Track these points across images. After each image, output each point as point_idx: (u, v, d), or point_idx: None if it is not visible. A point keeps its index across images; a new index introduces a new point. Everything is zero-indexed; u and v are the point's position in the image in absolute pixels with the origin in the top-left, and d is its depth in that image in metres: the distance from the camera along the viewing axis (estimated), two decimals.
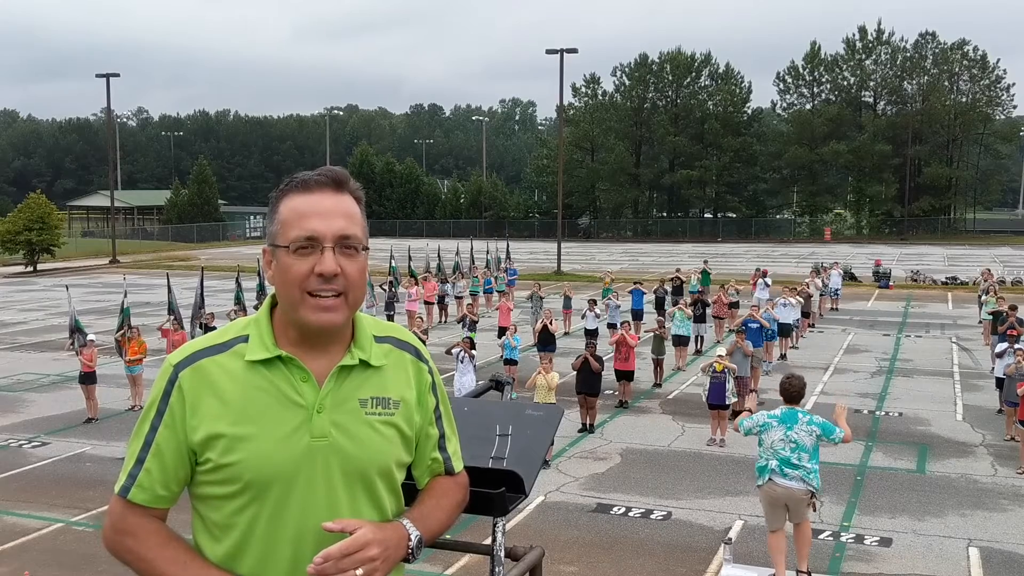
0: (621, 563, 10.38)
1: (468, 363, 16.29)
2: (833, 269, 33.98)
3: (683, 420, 16.62)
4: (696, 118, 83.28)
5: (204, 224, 79.75)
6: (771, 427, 8.90)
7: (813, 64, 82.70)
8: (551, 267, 47.37)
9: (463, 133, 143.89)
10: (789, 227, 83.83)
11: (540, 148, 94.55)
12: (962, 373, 21.05)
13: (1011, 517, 11.72)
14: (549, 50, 47.25)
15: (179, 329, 19.98)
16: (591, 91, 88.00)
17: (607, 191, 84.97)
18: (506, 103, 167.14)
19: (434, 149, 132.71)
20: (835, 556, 10.47)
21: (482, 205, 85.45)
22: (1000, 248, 64.59)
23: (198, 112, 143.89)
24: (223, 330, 1.99)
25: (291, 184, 1.95)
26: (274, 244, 1.91)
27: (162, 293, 25.17)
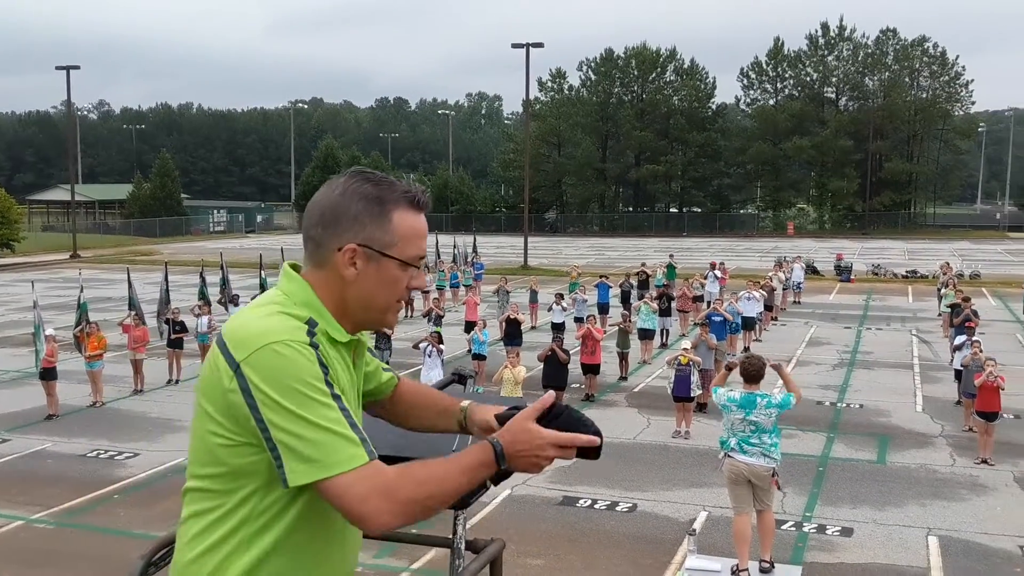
0: (587, 555, 10.44)
1: (435, 357, 16.26)
2: (796, 263, 34.37)
3: (649, 413, 16.72)
4: (661, 113, 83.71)
5: (167, 218, 78.79)
6: (731, 410, 9.19)
7: (776, 60, 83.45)
8: (518, 261, 47.41)
9: (429, 127, 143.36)
10: (753, 222, 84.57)
11: (507, 143, 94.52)
12: (922, 365, 21.38)
13: (969, 506, 11.93)
14: (515, 44, 47.23)
15: (140, 325, 19.73)
16: (557, 86, 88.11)
17: (573, 185, 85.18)
18: (472, 97, 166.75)
19: (400, 143, 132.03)
20: (798, 546, 10.60)
21: (448, 199, 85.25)
22: (959, 242, 65.62)
23: (160, 105, 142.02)
24: (284, 313, 1.90)
25: (405, 197, 1.98)
26: (384, 252, 1.95)
27: (123, 288, 24.85)
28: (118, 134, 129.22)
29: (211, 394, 1.88)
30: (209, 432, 1.89)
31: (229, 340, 1.86)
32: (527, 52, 46.82)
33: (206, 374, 1.91)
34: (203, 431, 1.91)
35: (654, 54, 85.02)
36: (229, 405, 1.83)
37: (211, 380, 1.88)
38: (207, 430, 1.90)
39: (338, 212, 1.95)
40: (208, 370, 1.91)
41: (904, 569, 10.03)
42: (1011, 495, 12.38)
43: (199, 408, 1.93)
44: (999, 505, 11.98)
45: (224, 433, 1.87)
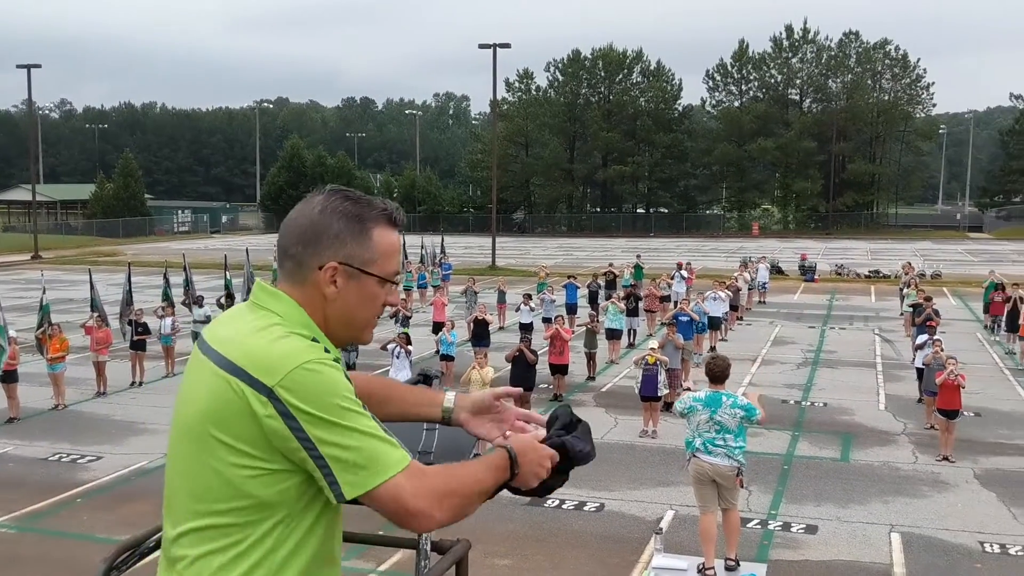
0: (555, 555, 10.46)
1: (404, 359, 16.21)
2: (761, 263, 34.68)
3: (616, 412, 16.79)
4: (628, 114, 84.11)
5: (130, 218, 77.86)
6: (696, 410, 9.23)
7: (741, 62, 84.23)
8: (486, 262, 47.40)
9: (396, 127, 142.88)
10: (719, 222, 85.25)
11: (474, 143, 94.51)
12: (884, 364, 21.65)
13: (931, 503, 12.11)
14: (482, 45, 47.25)
15: (103, 326, 19.47)
16: (525, 86, 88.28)
17: (541, 186, 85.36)
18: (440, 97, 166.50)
19: (367, 143, 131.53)
20: (763, 544, 10.70)
21: (416, 199, 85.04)
22: (921, 242, 66.56)
23: (123, 104, 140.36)
24: (295, 334, 1.89)
25: (383, 215, 2.00)
26: (364, 270, 1.96)
27: (86, 289, 24.52)
28: (80, 133, 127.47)
29: (233, 425, 1.81)
30: (232, 465, 1.82)
31: (250, 367, 1.81)
32: (494, 53, 46.86)
33: (215, 405, 1.83)
34: (220, 465, 1.83)
35: (620, 55, 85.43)
36: (266, 432, 1.79)
37: (229, 410, 1.82)
38: (228, 463, 1.82)
39: (318, 230, 1.95)
40: (218, 401, 1.83)
41: (867, 565, 10.15)
42: (971, 491, 12.58)
43: (208, 441, 1.84)
44: (960, 501, 12.17)
45: (254, 464, 1.82)
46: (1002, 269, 36.02)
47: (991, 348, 23.71)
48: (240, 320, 1.96)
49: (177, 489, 1.91)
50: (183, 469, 1.90)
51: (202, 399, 1.86)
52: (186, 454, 1.89)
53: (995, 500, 12.19)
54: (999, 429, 15.73)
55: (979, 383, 18.44)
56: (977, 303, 29.96)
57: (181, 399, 1.96)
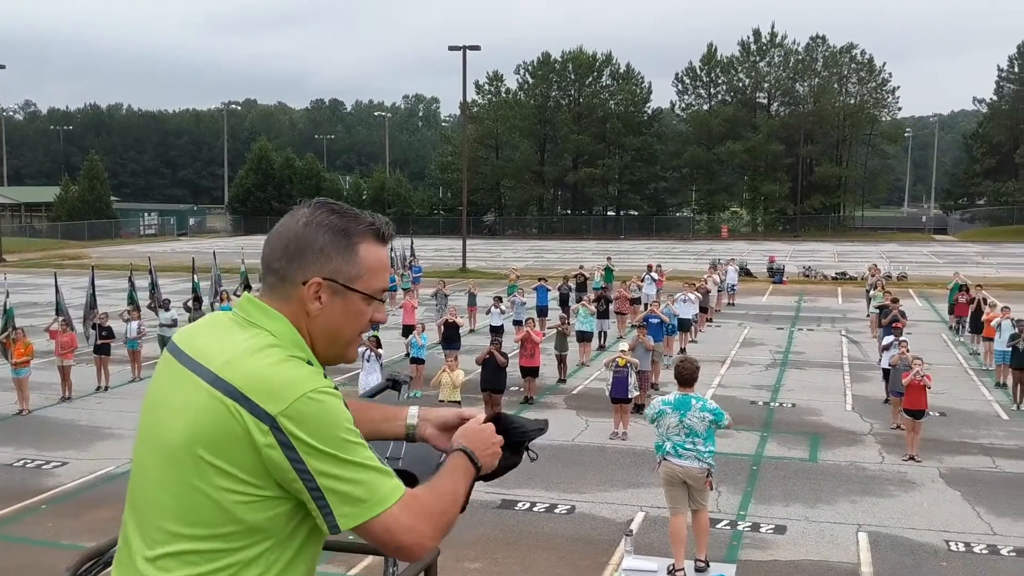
0: (526, 558, 10.46)
1: (374, 362, 16.14)
2: (730, 265, 34.91)
3: (587, 415, 16.82)
4: (598, 117, 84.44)
5: (96, 221, 76.94)
6: (666, 414, 9.26)
7: (710, 66, 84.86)
8: (456, 264, 47.35)
9: (365, 129, 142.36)
10: (688, 225, 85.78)
11: (444, 145, 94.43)
12: (851, 365, 21.88)
13: (897, 502, 12.24)
14: (452, 47, 47.20)
15: (67, 330, 19.21)
16: (495, 89, 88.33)
17: (512, 188, 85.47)
18: (409, 99, 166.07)
19: (336, 145, 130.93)
20: (732, 544, 10.76)
21: (385, 201, 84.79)
22: (887, 244, 67.35)
23: (89, 106, 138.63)
24: (294, 358, 1.86)
25: (371, 229, 1.97)
26: (349, 286, 1.92)
27: (50, 293, 24.21)
28: (45, 135, 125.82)
29: (228, 450, 1.76)
30: (223, 489, 1.77)
31: (251, 393, 1.76)
32: (464, 55, 46.83)
33: (208, 428, 1.77)
34: (209, 488, 1.78)
35: (590, 58, 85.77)
36: (264, 460, 1.76)
37: (225, 435, 1.76)
38: (219, 487, 1.77)
39: (303, 244, 1.91)
40: (212, 424, 1.77)
41: (835, 565, 10.25)
42: (937, 490, 12.73)
43: (198, 464, 1.78)
44: (925, 500, 12.32)
45: (247, 490, 1.78)
46: (966, 271, 36.52)
47: (956, 349, 24.03)
48: (229, 336, 1.88)
49: (155, 508, 1.84)
50: (164, 489, 1.83)
51: (190, 419, 1.80)
52: (169, 474, 1.82)
53: (960, 499, 12.36)
54: (964, 429, 15.94)
55: (944, 383, 18.68)
56: (942, 304, 30.37)
57: (156, 412, 1.89)
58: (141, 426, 1.94)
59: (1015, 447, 14.84)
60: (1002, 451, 14.61)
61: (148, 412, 1.92)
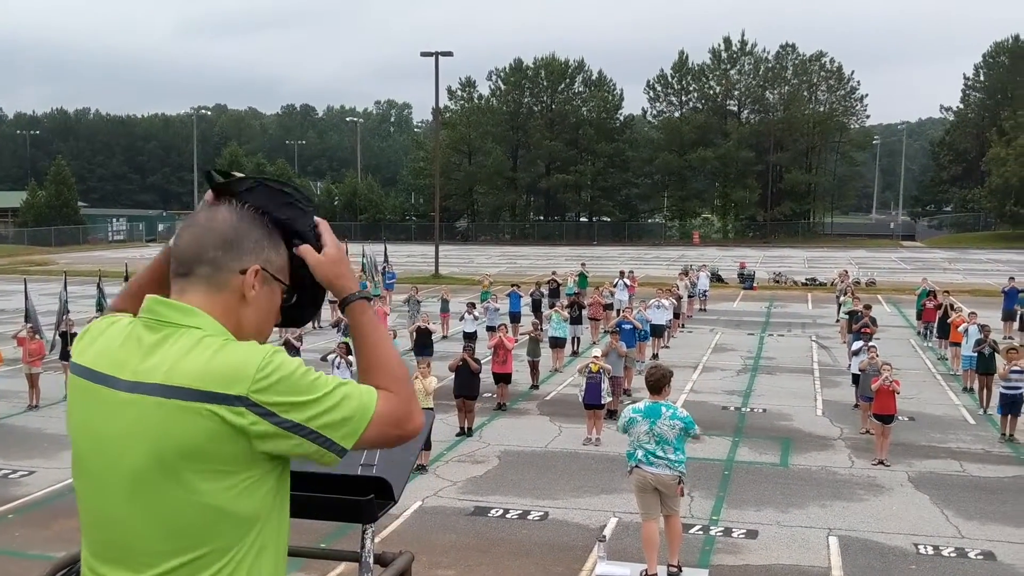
0: (499, 565, 10.44)
1: (345, 369, 16.05)
2: (701, 271, 35.13)
3: (560, 421, 16.84)
4: (571, 123, 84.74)
5: (63, 227, 76.03)
6: (636, 422, 9.26)
7: (681, 73, 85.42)
8: (429, 270, 47.25)
9: (337, 134, 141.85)
10: (660, 231, 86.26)
11: (417, 151, 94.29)
12: (821, 370, 22.07)
13: (867, 506, 12.36)
14: (424, 53, 47.14)
15: (36, 338, 18.96)
16: (467, 94, 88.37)
17: (485, 194, 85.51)
18: (381, 105, 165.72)
19: (307, 150, 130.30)
20: (705, 549, 10.81)
21: (357, 207, 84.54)
22: (856, 250, 68.07)
23: (56, 110, 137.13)
24: (217, 339, 1.88)
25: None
26: (277, 277, 1.98)
27: (18, 299, 23.89)
28: (11, 140, 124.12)
29: (211, 450, 1.77)
30: (213, 490, 1.79)
31: (213, 386, 1.77)
32: (436, 61, 46.79)
33: (184, 440, 1.76)
34: (197, 495, 1.79)
35: (563, 65, 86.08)
36: (253, 439, 1.79)
37: (202, 438, 1.77)
38: (209, 490, 1.79)
39: (240, 235, 1.93)
40: (184, 433, 1.76)
41: (806, 569, 10.32)
42: (906, 495, 12.87)
43: (178, 478, 1.78)
44: (895, 504, 12.44)
45: (236, 481, 1.81)
46: (934, 277, 37.03)
47: (924, 354, 24.31)
48: (154, 345, 1.86)
49: (137, 538, 1.82)
50: (143, 516, 1.81)
51: (153, 438, 1.78)
52: (145, 500, 1.80)
53: (928, 502, 12.49)
54: (932, 433, 16.12)
55: (913, 388, 18.90)
56: (910, 310, 30.71)
57: (99, 446, 1.85)
58: (85, 466, 1.89)
59: (982, 451, 15.04)
60: (969, 455, 14.79)
61: (88, 450, 1.88)
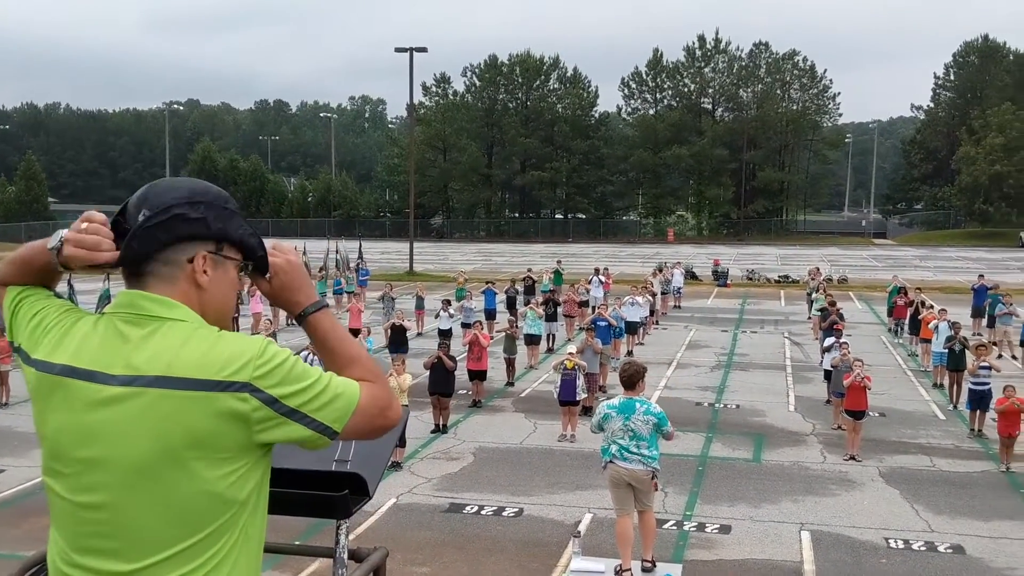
0: (474, 561, 10.44)
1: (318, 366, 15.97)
2: (676, 268, 35.28)
3: (535, 417, 16.86)
4: (546, 120, 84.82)
5: (33, 223, 75.11)
6: (611, 417, 9.30)
7: (656, 71, 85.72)
8: (404, 267, 47.15)
9: (311, 130, 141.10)
10: (635, 228, 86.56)
11: (391, 147, 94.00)
12: (794, 366, 22.24)
13: (839, 501, 12.48)
14: (398, 48, 47.01)
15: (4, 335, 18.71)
16: (442, 91, 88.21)
17: (460, 191, 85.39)
18: (356, 101, 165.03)
19: (280, 146, 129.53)
20: (679, 545, 10.87)
21: (331, 204, 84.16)
22: (828, 248, 68.66)
23: (25, 105, 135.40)
24: (210, 329, 1.96)
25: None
26: (229, 256, 2.01)
27: None
28: None
29: (216, 438, 1.85)
30: (216, 478, 1.86)
31: (216, 375, 1.83)
32: (411, 56, 46.67)
33: (189, 428, 1.82)
34: (201, 483, 1.85)
35: (538, 62, 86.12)
36: (254, 426, 1.87)
37: (207, 427, 1.83)
38: (212, 477, 1.86)
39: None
40: (189, 423, 1.82)
41: (779, 564, 10.40)
42: (876, 489, 13.00)
43: (183, 467, 1.83)
44: (866, 499, 12.57)
45: (234, 467, 1.89)
46: (905, 274, 37.42)
47: (895, 350, 24.56)
48: (144, 339, 1.89)
49: (139, 525, 1.85)
50: (146, 507, 1.84)
51: (157, 431, 1.82)
52: (148, 492, 1.84)
53: (899, 497, 12.63)
54: (903, 429, 16.30)
55: (884, 384, 19.08)
56: (881, 307, 31.03)
57: (91, 442, 1.85)
58: (68, 462, 1.89)
59: (952, 446, 15.22)
60: (939, 450, 14.97)
61: (72, 446, 1.88)
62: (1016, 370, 20.99)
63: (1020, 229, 69.94)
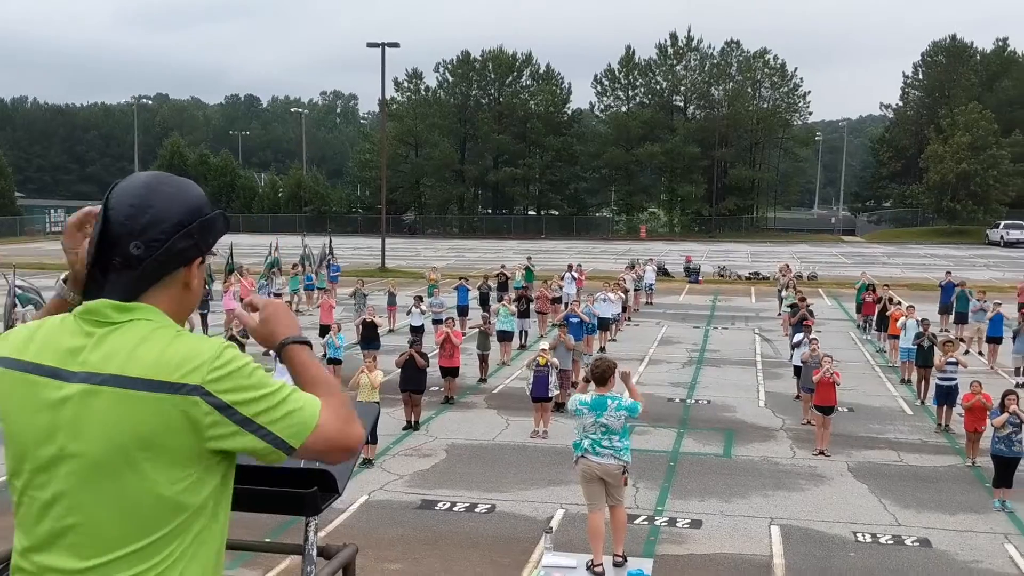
0: (446, 558, 10.44)
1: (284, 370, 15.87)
2: (648, 265, 35.42)
3: (508, 414, 16.87)
4: (519, 117, 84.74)
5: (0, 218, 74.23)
6: (583, 413, 9.33)
7: (628, 68, 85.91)
8: (375, 263, 46.95)
9: (282, 125, 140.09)
10: (608, 225, 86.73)
11: (363, 142, 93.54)
12: (764, 362, 22.41)
13: (808, 496, 12.59)
14: (370, 43, 46.79)
15: None
16: (414, 86, 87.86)
17: (432, 187, 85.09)
18: (327, 96, 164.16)
19: (251, 141, 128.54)
20: (649, 540, 10.92)
21: (303, 199, 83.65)
22: (798, 245, 69.21)
23: None
24: (170, 329, 1.94)
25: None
26: (203, 259, 2.02)
27: None
28: None
29: (166, 440, 1.82)
30: (167, 481, 1.84)
31: (169, 376, 1.81)
32: (383, 51, 46.47)
33: (140, 427, 1.81)
34: (152, 484, 1.83)
35: (510, 58, 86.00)
36: (205, 432, 1.83)
37: (158, 428, 1.81)
38: (163, 480, 1.83)
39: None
40: (140, 423, 1.81)
41: (749, 558, 10.48)
42: (845, 484, 13.14)
43: (135, 466, 1.82)
44: (835, 494, 12.70)
45: (186, 473, 1.85)
46: (873, 271, 37.77)
47: (863, 346, 24.81)
48: (103, 337, 1.88)
49: (95, 523, 1.85)
50: (101, 502, 1.84)
51: (110, 427, 1.82)
52: (103, 487, 1.84)
53: (867, 491, 12.77)
54: (871, 424, 16.47)
55: (852, 380, 19.27)
56: (850, 303, 31.32)
57: (50, 436, 1.86)
58: (31, 459, 1.89)
59: (919, 441, 15.41)
60: (907, 445, 15.15)
61: (35, 442, 1.88)
62: (983, 366, 21.30)
63: (986, 226, 70.85)
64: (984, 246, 66.71)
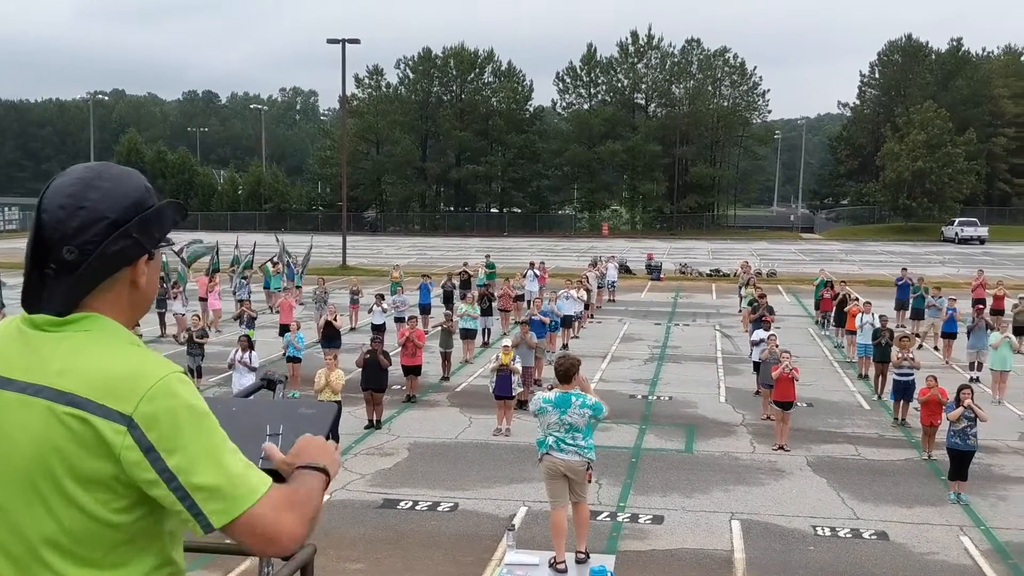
0: (408, 557, 10.39)
1: (243, 371, 15.71)
2: (610, 262, 35.56)
3: (470, 412, 16.83)
4: (481, 114, 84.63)
5: None
6: (547, 411, 9.29)
7: (590, 66, 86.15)
8: (336, 261, 46.63)
9: (241, 122, 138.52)
10: (571, 222, 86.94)
11: (323, 139, 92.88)
12: (724, 358, 22.59)
13: (768, 490, 12.71)
14: (331, 40, 46.45)
15: None
16: (375, 83, 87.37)
17: (393, 184, 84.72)
18: (287, 92, 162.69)
19: (209, 138, 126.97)
20: (612, 536, 10.95)
21: (262, 196, 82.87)
22: (758, 242, 69.89)
23: None
24: (115, 341, 1.78)
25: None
26: (151, 254, 1.86)
27: None
28: None
29: (86, 463, 1.67)
30: (93, 501, 1.69)
31: (99, 396, 1.66)
32: (343, 48, 46.16)
33: (62, 445, 1.67)
34: (78, 502, 1.69)
35: (472, 55, 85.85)
36: (123, 464, 1.66)
37: (79, 449, 1.66)
38: (88, 500, 1.69)
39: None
40: (63, 440, 1.67)
41: (710, 552, 10.56)
42: (804, 478, 13.28)
43: (56, 483, 1.69)
44: (794, 488, 12.83)
45: (113, 496, 1.70)
46: (831, 268, 38.26)
47: (822, 342, 25.11)
48: (41, 345, 1.76)
49: (28, 535, 1.73)
50: (37, 517, 1.72)
51: (34, 440, 1.69)
52: (28, 499, 1.71)
53: (826, 485, 12.92)
54: (829, 419, 16.67)
55: (811, 375, 19.50)
56: (809, 300, 31.69)
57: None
58: None
59: (876, 435, 15.62)
60: (864, 439, 15.35)
61: None
62: (938, 361, 21.65)
63: (942, 224, 72.06)
64: (939, 243, 67.88)
